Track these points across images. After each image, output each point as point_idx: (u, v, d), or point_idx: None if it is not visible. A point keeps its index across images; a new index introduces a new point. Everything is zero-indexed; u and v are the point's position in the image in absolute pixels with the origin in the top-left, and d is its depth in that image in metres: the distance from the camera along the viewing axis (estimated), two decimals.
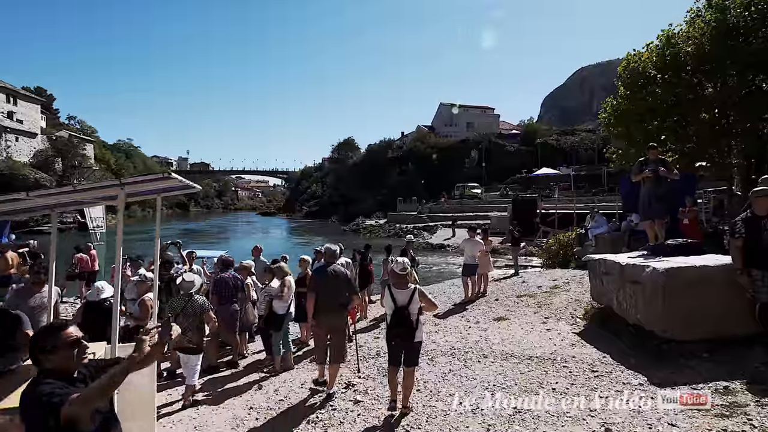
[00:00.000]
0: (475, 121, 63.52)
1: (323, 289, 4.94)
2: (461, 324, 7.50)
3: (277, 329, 5.99)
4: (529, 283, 10.13)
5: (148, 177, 3.45)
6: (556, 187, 34.81)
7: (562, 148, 51.77)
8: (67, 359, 1.93)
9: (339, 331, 5.11)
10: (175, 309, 5.07)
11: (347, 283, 5.18)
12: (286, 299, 6.04)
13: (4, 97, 48.62)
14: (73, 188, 3.65)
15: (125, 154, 74.72)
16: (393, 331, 4.16)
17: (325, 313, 4.95)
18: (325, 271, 5.07)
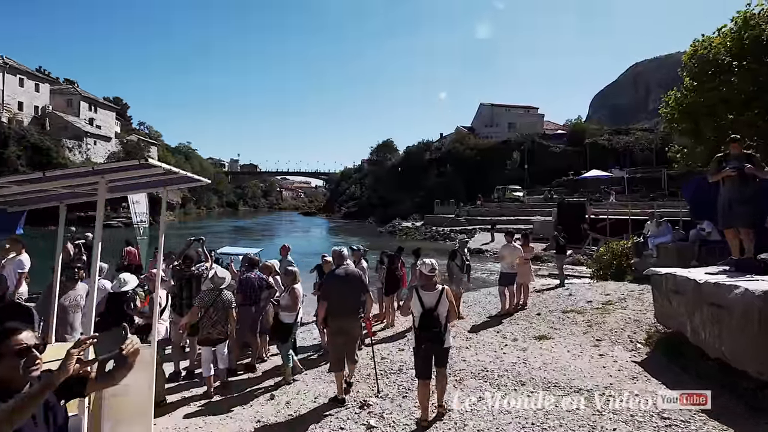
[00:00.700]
0: (518, 121, 61.11)
1: (335, 293, 4.79)
2: (496, 341, 6.64)
3: (283, 340, 5.55)
4: (577, 297, 9.05)
5: (126, 164, 3.09)
6: (612, 191, 32.50)
7: (614, 148, 48.57)
8: (11, 370, 1.73)
9: (352, 334, 4.92)
10: (207, 302, 5.26)
11: (360, 285, 4.96)
12: (293, 309, 5.55)
13: (87, 106, 54.82)
14: (43, 175, 3.22)
15: (185, 156, 79.52)
16: (422, 334, 3.99)
17: (338, 317, 4.78)
18: (336, 274, 4.88)
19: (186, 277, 6.08)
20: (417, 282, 4.36)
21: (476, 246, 27.20)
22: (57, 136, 46.22)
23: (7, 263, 6.24)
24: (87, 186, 3.62)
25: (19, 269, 6.28)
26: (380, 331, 7.99)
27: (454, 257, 8.34)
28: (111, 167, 3.10)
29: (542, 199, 39.08)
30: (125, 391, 3.64)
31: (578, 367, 5.26)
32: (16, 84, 47.06)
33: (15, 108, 45.70)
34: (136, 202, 11.25)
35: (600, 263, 13.06)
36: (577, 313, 7.76)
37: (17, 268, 6.27)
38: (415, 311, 4.06)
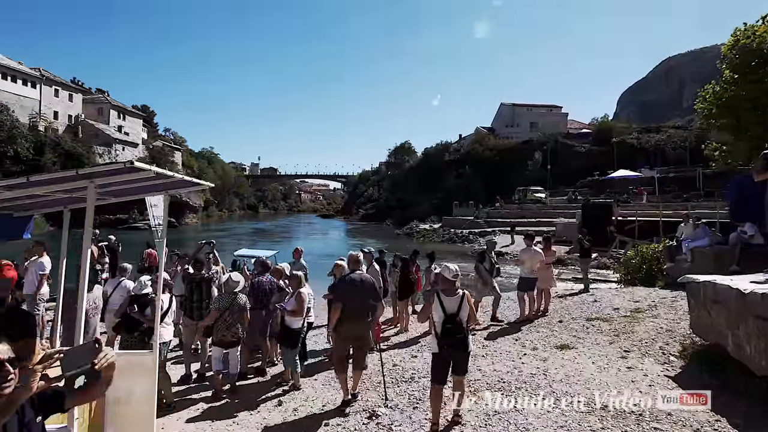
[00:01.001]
0: (540, 120, 59.79)
1: (348, 298, 4.69)
2: (514, 349, 6.24)
3: (291, 346, 5.36)
4: (603, 303, 8.54)
5: (112, 168, 2.97)
6: (644, 191, 31.27)
7: (643, 147, 46.86)
8: None
9: (363, 340, 4.83)
10: (223, 305, 5.27)
11: (373, 291, 4.83)
12: (299, 313, 5.34)
13: (116, 114, 57.28)
14: (27, 180, 3.11)
15: (207, 161, 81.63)
16: (445, 340, 3.87)
17: (350, 323, 4.68)
18: (350, 279, 4.78)
19: (196, 280, 6.00)
20: (437, 286, 4.25)
21: (496, 248, 26.64)
22: (88, 143, 48.11)
23: (29, 265, 6.44)
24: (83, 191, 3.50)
25: (41, 271, 6.45)
26: (393, 336, 7.71)
27: (483, 260, 7.98)
28: (98, 171, 2.98)
29: (565, 200, 38.06)
30: (128, 397, 3.67)
31: (604, 381, 4.84)
32: (52, 94, 49.28)
33: (51, 117, 47.74)
34: (154, 205, 11.28)
35: (628, 267, 12.41)
36: (602, 321, 7.28)
37: (39, 270, 6.44)
38: (436, 317, 3.94)
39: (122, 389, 3.59)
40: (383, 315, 9.46)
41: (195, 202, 59.88)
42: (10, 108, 41.51)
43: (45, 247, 6.70)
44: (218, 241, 35.58)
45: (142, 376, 3.74)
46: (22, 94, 45.52)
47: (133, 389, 3.70)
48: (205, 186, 4.57)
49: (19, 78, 45.77)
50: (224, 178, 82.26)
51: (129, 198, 4.90)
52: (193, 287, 5.96)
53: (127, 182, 3.60)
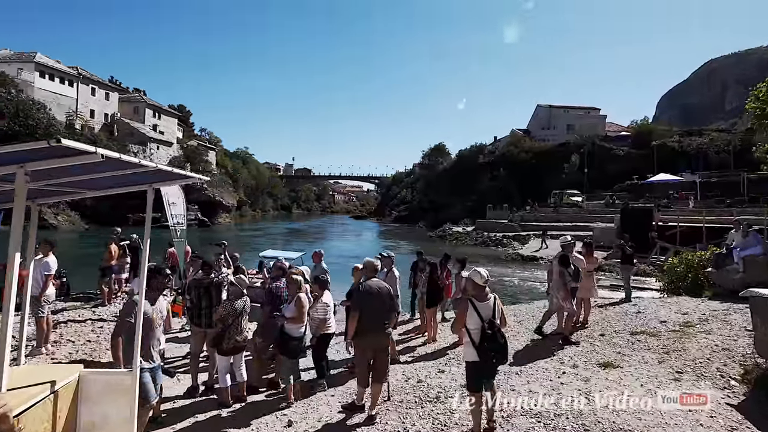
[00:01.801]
0: (577, 122, 57.35)
1: (366, 306, 4.46)
2: (551, 366, 5.67)
3: (291, 355, 4.94)
4: (647, 315, 7.77)
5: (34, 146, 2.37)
6: (690, 196, 29.25)
7: (684, 151, 43.91)
8: None
9: (382, 350, 4.56)
10: (238, 310, 4.96)
11: (390, 299, 4.63)
12: (299, 320, 4.96)
13: (151, 113, 57.53)
14: None
15: (242, 161, 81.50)
16: (489, 346, 3.67)
17: (369, 333, 4.44)
18: (368, 287, 4.54)
19: (204, 285, 5.52)
20: (466, 293, 4.06)
21: (530, 253, 25.58)
22: (123, 141, 48.03)
23: (34, 265, 6.06)
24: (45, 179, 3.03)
25: (46, 271, 6.04)
26: (420, 347, 7.25)
27: (566, 263, 6.71)
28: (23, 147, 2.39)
29: (603, 204, 36.20)
30: (103, 421, 3.26)
31: (656, 409, 4.22)
32: (89, 93, 49.59)
33: (87, 115, 48.19)
34: (172, 203, 11.04)
35: (672, 275, 11.41)
36: (649, 336, 6.56)
37: (44, 270, 6.04)
38: (472, 324, 3.74)
39: (97, 413, 3.26)
40: (410, 323, 9.10)
41: (228, 202, 59.87)
42: (47, 106, 41.36)
43: (52, 245, 6.32)
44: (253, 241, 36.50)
45: (119, 398, 3.32)
46: (59, 93, 45.66)
47: (108, 413, 3.29)
48: (194, 178, 3.84)
49: (57, 76, 45.91)
50: (258, 178, 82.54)
51: (108, 192, 4.10)
52: (201, 292, 5.43)
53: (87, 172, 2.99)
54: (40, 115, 39.49)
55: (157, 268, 3.90)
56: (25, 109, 38.19)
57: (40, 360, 6.18)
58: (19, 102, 38.42)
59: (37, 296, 6.09)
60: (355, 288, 4.77)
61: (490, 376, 3.93)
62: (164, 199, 10.88)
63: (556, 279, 6.70)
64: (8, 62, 43.41)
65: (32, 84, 42.89)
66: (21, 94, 39.82)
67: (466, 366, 3.90)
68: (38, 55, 45.42)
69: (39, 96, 42.33)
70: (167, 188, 10.91)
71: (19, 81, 41.25)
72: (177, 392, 5.34)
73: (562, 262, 6.71)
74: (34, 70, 43.63)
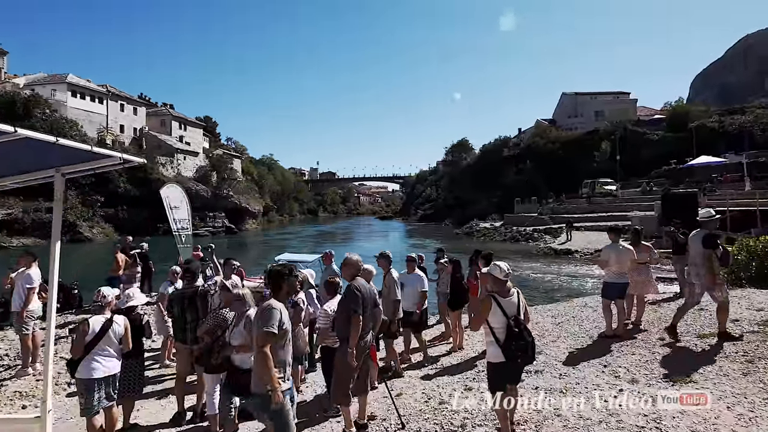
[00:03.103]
0: (605, 108, 54.48)
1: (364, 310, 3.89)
2: (603, 380, 4.59)
3: (237, 392, 3.73)
4: (712, 312, 6.42)
5: None
6: (747, 178, 26.80)
7: (726, 131, 40.86)
8: None
9: (366, 358, 4.04)
10: (230, 321, 3.96)
11: (374, 306, 4.07)
12: (248, 348, 3.88)
13: (177, 125, 59.29)
14: None
15: (267, 167, 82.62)
16: (515, 344, 3.40)
17: (362, 340, 3.93)
18: (363, 287, 3.94)
19: (188, 296, 4.70)
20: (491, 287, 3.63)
21: (564, 247, 24.02)
22: (152, 153, 49.29)
23: (16, 278, 5.62)
24: None
25: (28, 284, 5.59)
26: (444, 357, 6.30)
27: (713, 243, 5.22)
28: None
29: (639, 192, 34.02)
30: None
31: None
32: (118, 109, 51.25)
33: (117, 130, 49.79)
34: (175, 207, 10.56)
35: (732, 265, 9.93)
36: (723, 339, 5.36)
37: (26, 283, 5.59)
38: (496, 322, 3.46)
39: None
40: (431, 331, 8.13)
41: (254, 208, 60.47)
42: (79, 123, 43.24)
43: (35, 257, 5.88)
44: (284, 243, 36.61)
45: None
46: (90, 110, 47.55)
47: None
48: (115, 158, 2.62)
49: (87, 95, 47.80)
50: (284, 184, 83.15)
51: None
52: (185, 304, 4.64)
53: None
54: (73, 133, 40.69)
55: (289, 267, 3.29)
56: (58, 127, 39.32)
57: (25, 381, 5.62)
58: (53, 121, 39.85)
59: (19, 311, 5.57)
60: (352, 288, 3.90)
61: (516, 378, 3.62)
62: (165, 203, 10.38)
63: (700, 264, 5.35)
64: (43, 84, 45.37)
65: (65, 103, 44.66)
66: (55, 113, 41.39)
67: (489, 367, 3.61)
68: (70, 75, 47.51)
69: (72, 114, 44.18)
70: (168, 192, 10.51)
71: (53, 101, 42.93)
72: (162, 419, 4.62)
73: (707, 243, 5.27)
74: (66, 90, 45.48)
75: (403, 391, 4.83)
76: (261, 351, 2.78)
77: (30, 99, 40.14)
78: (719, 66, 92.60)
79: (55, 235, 2.67)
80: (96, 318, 3.91)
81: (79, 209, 38.56)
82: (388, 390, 4.36)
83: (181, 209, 10.50)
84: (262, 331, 2.80)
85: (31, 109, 39.13)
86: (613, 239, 6.28)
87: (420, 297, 6.16)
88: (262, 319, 2.86)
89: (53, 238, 2.67)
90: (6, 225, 33.38)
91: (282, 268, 3.14)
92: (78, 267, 17.52)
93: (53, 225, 2.74)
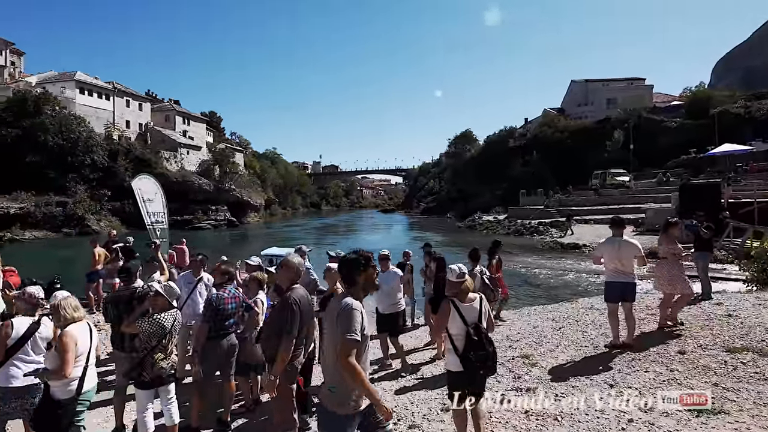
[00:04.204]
0: (618, 95, 53.06)
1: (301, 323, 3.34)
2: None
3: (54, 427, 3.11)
4: (744, 320, 5.66)
5: None
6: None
7: (752, 117, 39.45)
8: None
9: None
10: (166, 329, 3.63)
11: (310, 319, 3.48)
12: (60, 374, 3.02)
13: (181, 120, 60.59)
14: None
15: (271, 161, 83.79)
16: (477, 354, 3.19)
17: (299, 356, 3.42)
18: (302, 297, 3.34)
19: (125, 299, 4.15)
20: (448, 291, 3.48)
21: (571, 241, 23.13)
22: (156, 148, 51.27)
23: None
24: None
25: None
26: (425, 365, 5.57)
27: None
28: None
29: (654, 183, 32.99)
30: None
31: None
32: (124, 105, 52.91)
33: (123, 126, 51.37)
34: (148, 200, 10.01)
35: (762, 262, 9.09)
36: (757, 355, 4.52)
37: None
38: (454, 329, 3.34)
39: None
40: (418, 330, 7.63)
41: (256, 202, 60.96)
42: (86, 120, 44.96)
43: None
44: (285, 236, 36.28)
45: None
46: (98, 107, 49.16)
47: None
48: None
49: (95, 92, 49.60)
50: (286, 177, 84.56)
51: None
52: (122, 308, 4.13)
53: None
54: (81, 129, 42.64)
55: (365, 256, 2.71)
56: (67, 123, 41.31)
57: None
58: (62, 118, 41.49)
59: None
60: (289, 301, 3.19)
61: (478, 388, 3.37)
62: (137, 195, 9.97)
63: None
64: (53, 82, 47.10)
65: (74, 100, 46.03)
66: (64, 110, 42.84)
67: (448, 376, 3.49)
68: (78, 73, 49.01)
69: (80, 111, 45.51)
70: (140, 184, 9.99)
71: (62, 98, 44.24)
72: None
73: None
74: (75, 87, 47.00)
75: None
76: (347, 362, 2.34)
77: (40, 97, 41.83)
78: (744, 49, 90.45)
79: None
80: (21, 319, 3.40)
81: (88, 203, 40.00)
82: None
83: (155, 202, 10.12)
84: (345, 339, 2.37)
85: (41, 106, 40.86)
86: (616, 232, 5.42)
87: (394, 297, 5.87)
88: (342, 323, 2.41)
89: None
90: (20, 218, 35.12)
91: (357, 257, 2.58)
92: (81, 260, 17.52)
93: None
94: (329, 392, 2.43)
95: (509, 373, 4.74)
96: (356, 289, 2.55)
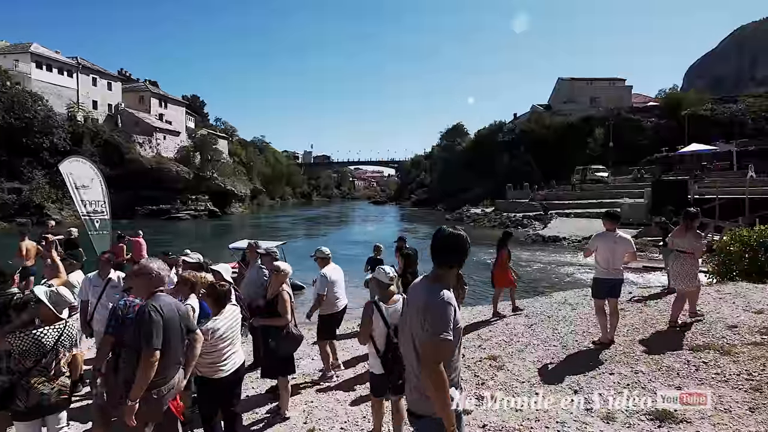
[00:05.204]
0: (601, 95, 52.61)
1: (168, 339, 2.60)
2: (571, 417, 3.49)
3: None
4: (706, 315, 5.43)
5: None
6: (751, 166, 25.38)
7: (718, 119, 39.58)
8: None
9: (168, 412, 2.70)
10: (47, 346, 2.81)
11: (187, 328, 2.77)
12: None
13: (157, 102, 54.13)
14: None
15: (258, 149, 77.20)
16: (395, 355, 2.91)
17: (170, 378, 2.66)
18: (148, 313, 2.54)
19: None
20: (376, 293, 3.31)
21: (552, 233, 22.97)
22: (129, 131, 44.93)
23: None
24: None
25: None
26: None
27: None
28: None
29: (630, 179, 32.91)
30: None
31: None
32: (90, 83, 45.37)
33: (90, 106, 44.08)
34: (83, 186, 8.23)
35: (723, 257, 8.88)
36: (719, 354, 4.29)
37: None
38: (378, 331, 3.15)
39: None
40: None
41: (241, 191, 55.73)
42: (44, 97, 37.95)
43: None
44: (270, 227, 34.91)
45: None
46: (58, 84, 41.79)
47: None
48: None
49: (55, 67, 41.96)
50: (275, 166, 77.33)
51: None
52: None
53: None
54: (37, 107, 36.47)
55: None
56: (21, 101, 35.18)
57: None
58: (14, 94, 35.37)
59: None
60: (147, 311, 2.54)
61: (399, 390, 3.06)
62: (68, 180, 8.06)
63: None
64: (4, 54, 39.60)
65: (29, 75, 39.05)
66: (17, 86, 36.47)
67: (371, 378, 3.35)
68: (34, 45, 41.33)
69: (36, 87, 38.68)
70: (71, 168, 8.23)
71: (15, 73, 37.71)
72: None
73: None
74: (30, 60, 39.60)
75: None
76: (436, 369, 1.79)
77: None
78: (713, 57, 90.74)
79: None
80: None
81: (47, 190, 34.53)
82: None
83: (93, 189, 8.34)
84: (438, 340, 1.80)
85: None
86: (609, 227, 5.10)
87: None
88: (434, 320, 1.82)
89: None
90: None
91: (463, 234, 2.00)
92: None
93: None
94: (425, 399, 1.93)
95: (474, 378, 4.45)
96: (451, 275, 1.96)
